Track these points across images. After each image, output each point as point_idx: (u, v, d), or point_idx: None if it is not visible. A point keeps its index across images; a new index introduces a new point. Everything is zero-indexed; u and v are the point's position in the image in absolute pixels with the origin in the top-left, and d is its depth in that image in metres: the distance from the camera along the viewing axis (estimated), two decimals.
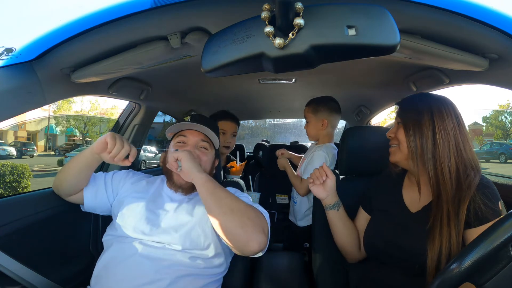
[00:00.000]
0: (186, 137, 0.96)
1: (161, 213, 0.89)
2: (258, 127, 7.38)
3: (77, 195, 0.97)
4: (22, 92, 0.72)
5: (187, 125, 0.96)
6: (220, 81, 1.39)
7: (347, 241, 0.95)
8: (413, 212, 0.82)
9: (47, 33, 0.69)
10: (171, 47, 0.73)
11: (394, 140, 0.86)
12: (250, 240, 0.75)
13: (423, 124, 0.78)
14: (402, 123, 0.83)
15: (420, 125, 0.78)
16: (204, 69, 0.54)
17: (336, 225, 0.95)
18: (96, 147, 0.84)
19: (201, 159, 0.94)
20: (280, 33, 0.48)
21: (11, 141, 11.74)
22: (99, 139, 0.84)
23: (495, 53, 0.72)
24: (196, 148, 0.95)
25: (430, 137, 0.77)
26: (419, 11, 0.61)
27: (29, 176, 5.63)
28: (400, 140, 0.83)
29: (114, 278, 0.78)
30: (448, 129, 0.76)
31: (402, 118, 0.83)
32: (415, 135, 0.78)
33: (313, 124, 1.41)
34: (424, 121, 0.78)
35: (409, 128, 0.80)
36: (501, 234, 0.47)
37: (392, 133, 0.87)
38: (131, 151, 0.84)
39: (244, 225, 0.75)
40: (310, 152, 1.43)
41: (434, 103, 0.79)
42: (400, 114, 0.84)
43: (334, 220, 0.95)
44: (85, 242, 1.14)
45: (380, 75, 1.27)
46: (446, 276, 0.50)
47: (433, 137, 0.77)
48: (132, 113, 1.50)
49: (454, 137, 0.76)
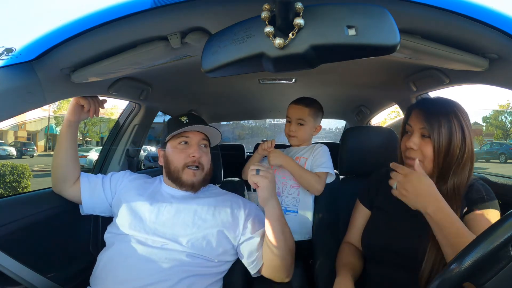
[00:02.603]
0: (189, 137, 0.97)
1: (161, 210, 0.89)
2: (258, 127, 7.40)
3: (75, 189, 0.97)
4: (22, 92, 0.72)
5: (193, 127, 0.97)
6: (220, 81, 1.39)
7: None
8: (412, 211, 0.82)
9: (47, 33, 0.68)
10: (171, 47, 0.73)
11: (417, 153, 0.78)
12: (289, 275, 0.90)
13: (455, 146, 0.75)
14: (433, 139, 0.75)
15: (453, 147, 0.75)
16: (204, 69, 0.54)
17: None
18: (72, 116, 0.94)
19: (203, 159, 0.97)
20: (280, 33, 0.48)
21: (11, 141, 11.75)
22: (71, 110, 0.94)
23: (495, 53, 0.72)
24: (199, 148, 0.97)
25: (459, 157, 0.76)
26: (419, 11, 0.61)
27: (29, 176, 5.64)
28: (426, 155, 0.77)
29: (114, 279, 0.78)
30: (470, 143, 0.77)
31: (433, 131, 0.75)
32: (446, 155, 0.75)
33: (309, 128, 1.26)
34: (456, 142, 0.75)
35: (441, 149, 0.75)
36: (501, 234, 0.47)
37: (415, 145, 0.78)
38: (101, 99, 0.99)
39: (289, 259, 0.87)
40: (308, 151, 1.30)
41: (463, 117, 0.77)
42: (430, 127, 0.76)
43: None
44: (85, 242, 1.14)
45: (380, 75, 1.27)
46: (446, 276, 0.50)
47: (462, 157, 0.76)
48: (132, 113, 1.50)
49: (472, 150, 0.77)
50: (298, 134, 1.26)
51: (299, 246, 1.22)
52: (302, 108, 1.24)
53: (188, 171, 0.93)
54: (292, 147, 1.34)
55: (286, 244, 0.84)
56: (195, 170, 0.94)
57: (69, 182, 0.97)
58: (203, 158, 0.96)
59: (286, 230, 0.86)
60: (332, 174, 1.20)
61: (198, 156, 0.94)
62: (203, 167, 0.96)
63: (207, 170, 0.98)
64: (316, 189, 1.17)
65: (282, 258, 0.84)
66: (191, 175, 0.93)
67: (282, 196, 1.25)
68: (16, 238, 0.86)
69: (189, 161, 0.94)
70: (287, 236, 0.85)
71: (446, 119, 0.76)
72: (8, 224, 0.85)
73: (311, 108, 1.25)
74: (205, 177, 0.98)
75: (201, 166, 0.95)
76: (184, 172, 0.94)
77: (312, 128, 1.28)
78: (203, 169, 0.96)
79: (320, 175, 1.18)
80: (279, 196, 1.26)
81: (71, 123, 0.94)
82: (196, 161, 0.94)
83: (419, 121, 0.79)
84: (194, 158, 0.94)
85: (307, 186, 1.18)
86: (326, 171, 1.19)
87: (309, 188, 1.18)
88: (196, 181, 0.94)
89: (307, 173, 1.18)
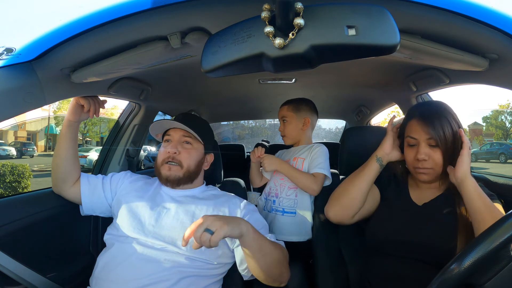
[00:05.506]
0: (170, 135, 0.99)
1: (161, 213, 0.89)
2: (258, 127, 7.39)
3: (75, 190, 0.97)
4: (22, 92, 0.72)
5: (169, 123, 1.00)
6: (220, 81, 1.39)
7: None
8: (419, 205, 0.85)
9: (47, 33, 0.68)
10: (171, 47, 0.73)
11: (429, 163, 0.81)
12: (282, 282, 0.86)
13: (458, 142, 0.79)
14: (441, 146, 0.79)
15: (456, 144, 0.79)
16: (204, 69, 0.54)
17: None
18: (72, 116, 0.94)
19: (181, 156, 0.96)
20: (280, 33, 0.48)
21: (11, 141, 11.74)
22: (71, 110, 0.94)
23: (495, 53, 0.72)
24: (179, 144, 0.97)
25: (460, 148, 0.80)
26: (419, 11, 0.61)
27: (29, 176, 5.63)
28: (437, 162, 0.81)
29: (114, 280, 0.78)
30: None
31: (440, 139, 0.79)
32: (453, 155, 0.79)
33: (294, 124, 1.29)
34: (457, 138, 0.80)
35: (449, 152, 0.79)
36: (501, 234, 0.47)
37: (426, 156, 0.81)
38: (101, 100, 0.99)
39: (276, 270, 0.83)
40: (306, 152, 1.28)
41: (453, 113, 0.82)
42: (438, 137, 0.79)
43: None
44: (85, 242, 1.14)
45: (380, 75, 1.27)
46: (446, 276, 0.50)
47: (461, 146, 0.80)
48: (132, 113, 1.50)
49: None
50: (286, 131, 1.31)
51: (298, 246, 1.23)
52: (283, 108, 1.34)
53: (165, 166, 0.96)
54: (292, 148, 1.35)
55: (266, 260, 0.79)
56: (172, 165, 0.95)
57: (69, 182, 0.97)
58: (181, 155, 0.96)
59: (265, 245, 0.79)
60: (328, 176, 1.19)
61: (172, 152, 0.95)
62: (181, 163, 0.96)
63: (188, 167, 0.97)
64: (312, 189, 1.17)
65: (267, 272, 0.80)
66: (167, 169, 0.95)
67: (280, 197, 1.26)
68: (16, 238, 0.86)
69: (166, 157, 0.96)
70: (267, 251, 0.79)
71: (446, 122, 0.80)
72: (8, 224, 0.85)
73: (290, 104, 1.31)
74: (186, 174, 0.97)
75: (178, 163, 0.96)
76: (162, 167, 0.96)
77: (298, 122, 1.29)
78: (182, 166, 0.96)
79: (317, 175, 1.19)
80: (277, 197, 1.26)
81: (71, 123, 0.94)
82: (170, 157, 0.95)
83: (423, 132, 0.81)
84: (169, 154, 0.96)
85: (303, 187, 1.19)
86: (322, 172, 1.19)
87: (305, 189, 1.19)
88: (171, 176, 0.95)
89: (303, 174, 1.19)
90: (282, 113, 1.33)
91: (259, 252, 0.77)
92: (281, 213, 1.24)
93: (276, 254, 0.82)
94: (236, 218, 0.75)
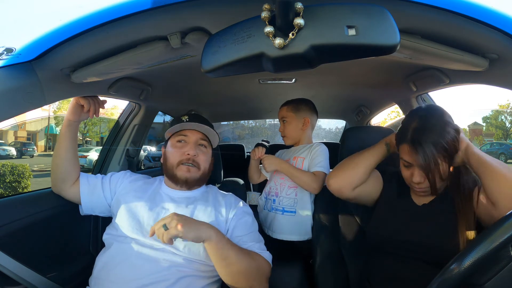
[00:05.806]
0: (187, 136, 0.98)
1: (159, 213, 0.89)
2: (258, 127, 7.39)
3: (74, 189, 0.97)
4: (22, 92, 0.72)
5: (188, 125, 0.98)
6: (220, 81, 1.39)
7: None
8: (419, 205, 0.86)
9: (47, 33, 0.68)
10: (171, 47, 0.73)
11: (425, 183, 0.80)
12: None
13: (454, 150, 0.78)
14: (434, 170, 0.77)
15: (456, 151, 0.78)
16: (204, 69, 0.54)
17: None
18: (72, 116, 0.93)
19: (200, 158, 0.96)
20: (280, 33, 0.48)
21: (11, 141, 11.75)
22: (71, 110, 0.93)
23: (495, 53, 0.72)
24: (196, 147, 0.97)
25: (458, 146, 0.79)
26: (419, 11, 0.61)
27: (29, 176, 5.64)
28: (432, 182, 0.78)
29: (113, 280, 0.78)
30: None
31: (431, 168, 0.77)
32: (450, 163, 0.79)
33: (294, 124, 1.30)
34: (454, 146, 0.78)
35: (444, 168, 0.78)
36: (501, 234, 0.47)
37: (422, 178, 0.80)
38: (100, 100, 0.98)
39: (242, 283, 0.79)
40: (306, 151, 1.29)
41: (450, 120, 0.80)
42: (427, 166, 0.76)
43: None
44: (85, 242, 1.14)
45: (380, 75, 1.27)
46: (446, 276, 0.50)
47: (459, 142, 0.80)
48: (132, 113, 1.50)
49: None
50: (286, 132, 1.33)
51: (298, 246, 1.24)
52: (282, 108, 1.35)
53: (182, 167, 0.94)
54: (292, 148, 1.35)
55: (232, 270, 0.78)
56: (190, 166, 0.94)
57: (68, 182, 0.97)
58: (200, 157, 0.96)
59: (232, 255, 0.77)
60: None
61: (192, 154, 0.94)
62: (199, 166, 0.96)
63: (204, 170, 0.98)
64: (312, 187, 1.18)
65: (231, 281, 0.79)
66: (185, 170, 0.93)
67: (280, 196, 1.26)
68: (16, 238, 0.86)
69: (184, 159, 0.94)
70: (233, 261, 0.77)
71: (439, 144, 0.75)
72: (8, 224, 0.85)
73: (289, 105, 1.33)
74: (202, 177, 0.97)
75: (197, 165, 0.95)
76: (178, 169, 0.94)
77: (298, 122, 1.30)
78: (199, 168, 0.96)
79: (317, 174, 1.20)
80: (277, 197, 1.26)
81: (71, 123, 0.94)
82: (190, 159, 0.94)
83: (415, 159, 0.78)
84: (188, 156, 0.94)
85: (304, 186, 1.20)
86: (322, 171, 1.19)
87: (305, 187, 1.20)
88: (190, 177, 0.94)
89: (303, 173, 1.20)
90: (281, 113, 1.34)
91: (224, 260, 0.77)
92: (281, 212, 1.24)
93: (246, 265, 0.78)
94: (200, 223, 0.77)
